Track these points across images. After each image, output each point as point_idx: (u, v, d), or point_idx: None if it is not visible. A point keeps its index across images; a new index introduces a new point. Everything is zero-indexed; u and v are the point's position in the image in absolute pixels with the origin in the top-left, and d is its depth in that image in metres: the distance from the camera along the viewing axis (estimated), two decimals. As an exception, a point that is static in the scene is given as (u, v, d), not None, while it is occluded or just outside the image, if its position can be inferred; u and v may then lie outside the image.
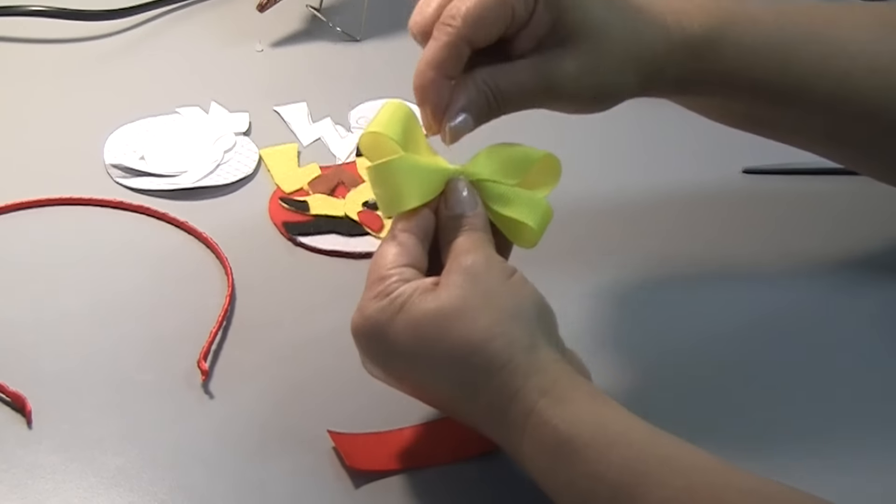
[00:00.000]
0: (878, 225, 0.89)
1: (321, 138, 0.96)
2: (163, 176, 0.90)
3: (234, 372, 0.77)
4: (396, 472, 0.72)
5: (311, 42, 1.06)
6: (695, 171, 0.88)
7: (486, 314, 0.67)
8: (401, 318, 0.68)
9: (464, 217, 0.71)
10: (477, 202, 0.72)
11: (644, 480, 0.63)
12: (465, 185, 0.72)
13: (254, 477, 0.71)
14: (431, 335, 0.67)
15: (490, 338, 0.67)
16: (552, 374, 0.67)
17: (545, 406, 0.65)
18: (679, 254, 0.87)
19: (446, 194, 0.72)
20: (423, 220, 0.72)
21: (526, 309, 0.69)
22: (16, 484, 0.70)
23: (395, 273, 0.69)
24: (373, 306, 0.69)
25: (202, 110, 0.97)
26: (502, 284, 0.69)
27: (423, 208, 0.72)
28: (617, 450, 0.64)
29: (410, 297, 0.68)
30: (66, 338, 0.78)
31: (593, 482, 0.64)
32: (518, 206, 0.73)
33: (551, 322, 0.70)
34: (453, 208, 0.72)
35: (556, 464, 0.65)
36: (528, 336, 0.68)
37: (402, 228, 0.71)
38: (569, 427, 0.65)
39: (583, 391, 0.67)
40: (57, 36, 1.04)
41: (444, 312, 0.67)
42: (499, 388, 0.66)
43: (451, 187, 0.72)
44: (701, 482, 0.63)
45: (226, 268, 0.83)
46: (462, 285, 0.68)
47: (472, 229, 0.71)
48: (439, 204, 0.72)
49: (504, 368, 0.66)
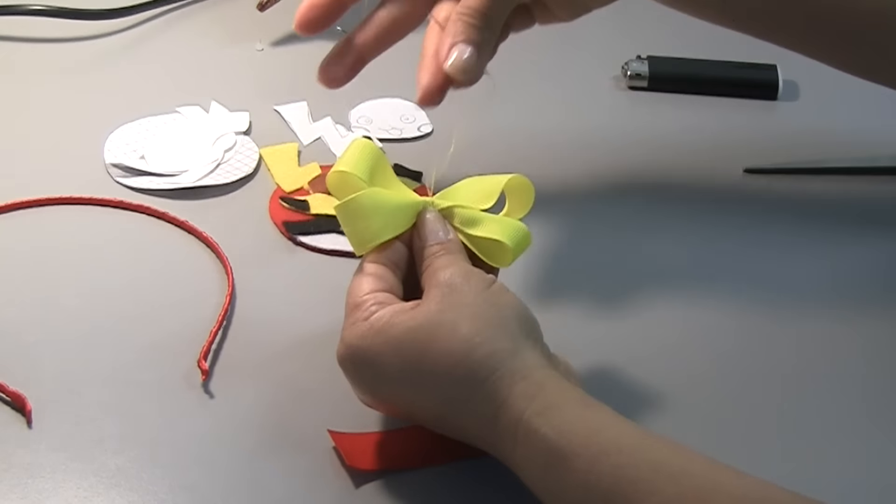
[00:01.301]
0: (879, 224, 0.89)
1: (321, 137, 0.96)
2: (163, 175, 0.90)
3: (234, 371, 0.77)
4: (397, 471, 0.72)
5: (311, 41, 1.05)
6: (696, 171, 0.88)
7: (466, 325, 0.67)
8: (381, 340, 0.68)
9: (437, 244, 0.72)
10: (448, 230, 0.73)
11: (635, 488, 0.62)
12: (434, 214, 0.73)
13: (254, 476, 0.71)
14: (413, 353, 0.67)
15: (472, 348, 0.67)
16: (538, 380, 0.66)
17: (533, 414, 0.65)
18: (679, 253, 0.87)
19: (418, 225, 0.73)
20: (393, 252, 0.72)
21: (507, 317, 0.68)
22: (16, 483, 0.70)
23: (369, 298, 0.70)
24: (353, 333, 0.69)
25: (202, 109, 0.97)
26: (481, 294, 0.69)
27: (395, 241, 0.73)
28: (607, 458, 0.63)
29: (390, 319, 0.68)
30: (66, 337, 0.78)
31: (585, 492, 0.63)
32: (488, 225, 0.74)
33: (535, 329, 0.70)
34: (426, 238, 0.72)
35: (547, 473, 0.65)
36: (511, 343, 0.67)
37: (371, 260, 0.72)
38: (558, 436, 0.64)
39: (571, 396, 0.66)
40: (57, 35, 1.04)
41: (424, 328, 0.67)
42: (485, 398, 0.66)
43: (422, 219, 0.73)
44: (692, 487, 0.63)
45: (226, 267, 0.83)
46: (440, 300, 0.69)
47: (448, 252, 0.72)
48: (412, 236, 0.73)
49: (488, 379, 0.66)
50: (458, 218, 0.74)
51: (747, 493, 0.62)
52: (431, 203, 0.74)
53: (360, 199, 0.72)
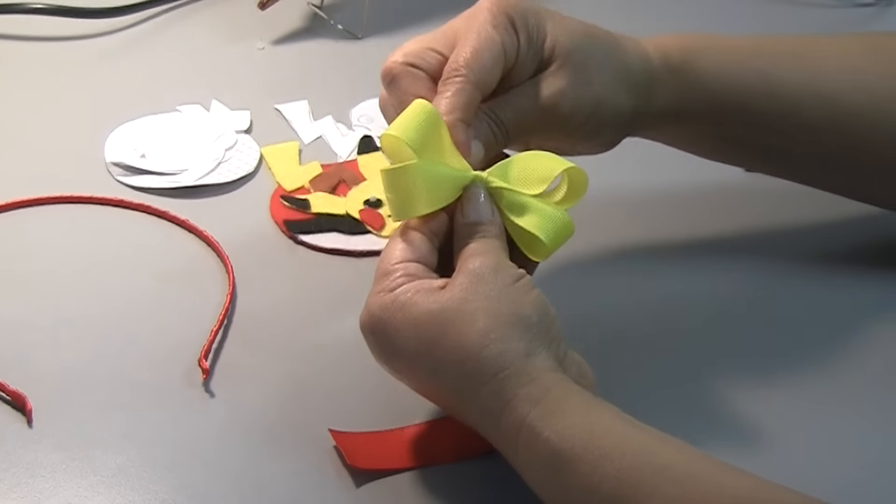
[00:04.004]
0: (880, 224, 0.89)
1: (322, 136, 0.96)
2: (163, 174, 0.90)
3: (234, 370, 0.77)
4: (398, 471, 0.72)
5: (312, 40, 1.06)
6: (697, 170, 0.88)
7: (483, 319, 0.67)
8: (401, 316, 0.68)
9: (479, 224, 0.71)
10: (493, 210, 0.72)
11: (638, 492, 0.62)
12: (482, 192, 0.72)
13: (255, 476, 0.71)
14: (429, 337, 0.67)
15: (485, 344, 0.67)
16: (545, 384, 0.66)
17: (536, 417, 0.65)
18: (680, 252, 0.87)
19: (463, 201, 0.72)
20: (435, 221, 0.72)
21: (526, 316, 0.68)
22: (16, 483, 0.70)
23: (399, 268, 0.69)
24: (377, 303, 0.69)
25: (203, 108, 0.97)
26: (505, 289, 0.69)
27: (439, 211, 0.72)
28: (610, 462, 0.63)
29: (413, 297, 0.68)
30: (66, 336, 0.78)
31: (587, 495, 0.63)
32: (534, 217, 0.72)
33: (553, 329, 0.69)
34: (469, 215, 0.72)
35: (549, 476, 0.65)
36: (525, 343, 0.67)
37: (411, 226, 0.71)
38: (561, 440, 0.64)
39: (576, 401, 0.66)
40: (57, 34, 1.04)
41: (443, 314, 0.67)
42: (491, 395, 0.66)
43: (468, 194, 0.72)
44: (695, 491, 0.62)
45: (226, 266, 0.83)
46: (465, 287, 0.68)
47: (486, 236, 0.71)
48: (456, 209, 0.72)
49: (496, 377, 0.66)
50: (506, 201, 0.72)
51: (752, 496, 0.62)
52: (483, 179, 0.72)
53: (408, 170, 0.70)
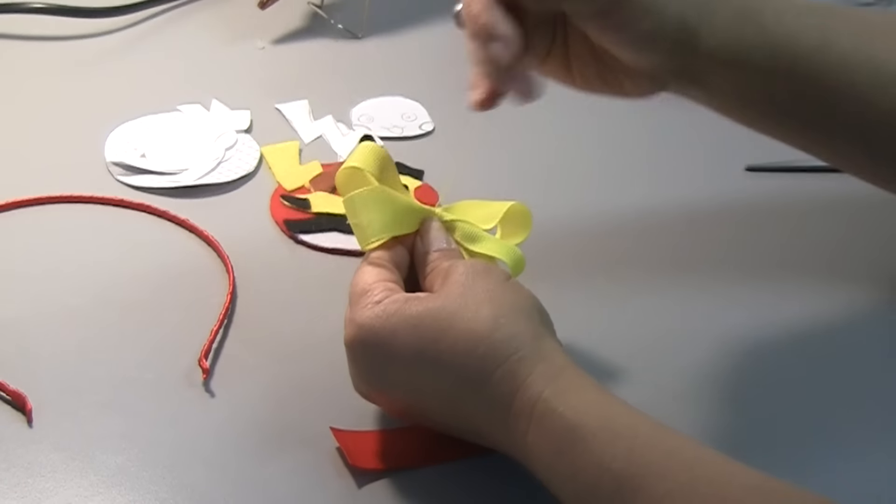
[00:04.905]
0: (881, 223, 0.89)
1: (322, 136, 0.96)
2: (164, 174, 0.90)
3: (235, 370, 0.77)
4: (400, 470, 0.72)
5: (312, 39, 1.06)
6: (697, 169, 0.88)
7: (489, 306, 0.68)
8: (397, 318, 0.69)
9: (441, 251, 0.73)
10: (451, 241, 0.75)
11: (648, 472, 0.63)
12: (438, 224, 0.75)
13: (255, 475, 0.71)
14: (433, 331, 0.68)
15: (496, 327, 0.68)
16: (559, 363, 0.67)
17: (552, 394, 0.66)
18: (681, 251, 0.87)
19: (422, 233, 0.75)
20: (395, 253, 0.74)
21: (528, 306, 0.70)
22: (16, 482, 0.69)
23: (378, 285, 0.71)
24: (364, 315, 0.70)
25: (203, 108, 0.97)
26: (502, 283, 0.71)
27: (397, 244, 0.74)
28: (623, 441, 0.64)
29: (407, 301, 0.69)
30: (66, 336, 0.78)
31: (598, 472, 0.64)
32: (488, 244, 0.76)
33: (550, 323, 0.71)
34: (430, 244, 0.74)
35: (560, 453, 0.65)
36: (534, 327, 0.69)
37: (376, 255, 0.73)
38: (575, 415, 0.65)
39: (589, 382, 0.67)
40: (57, 33, 1.04)
41: (446, 308, 0.68)
42: (505, 377, 0.67)
43: (426, 226, 0.75)
44: (704, 476, 0.63)
45: (227, 265, 0.83)
46: (463, 283, 0.70)
47: (451, 257, 0.73)
48: (415, 241, 0.74)
49: (510, 358, 0.67)
50: (460, 232, 0.76)
51: (758, 485, 0.63)
52: (436, 213, 0.75)
53: (371, 193, 0.73)
